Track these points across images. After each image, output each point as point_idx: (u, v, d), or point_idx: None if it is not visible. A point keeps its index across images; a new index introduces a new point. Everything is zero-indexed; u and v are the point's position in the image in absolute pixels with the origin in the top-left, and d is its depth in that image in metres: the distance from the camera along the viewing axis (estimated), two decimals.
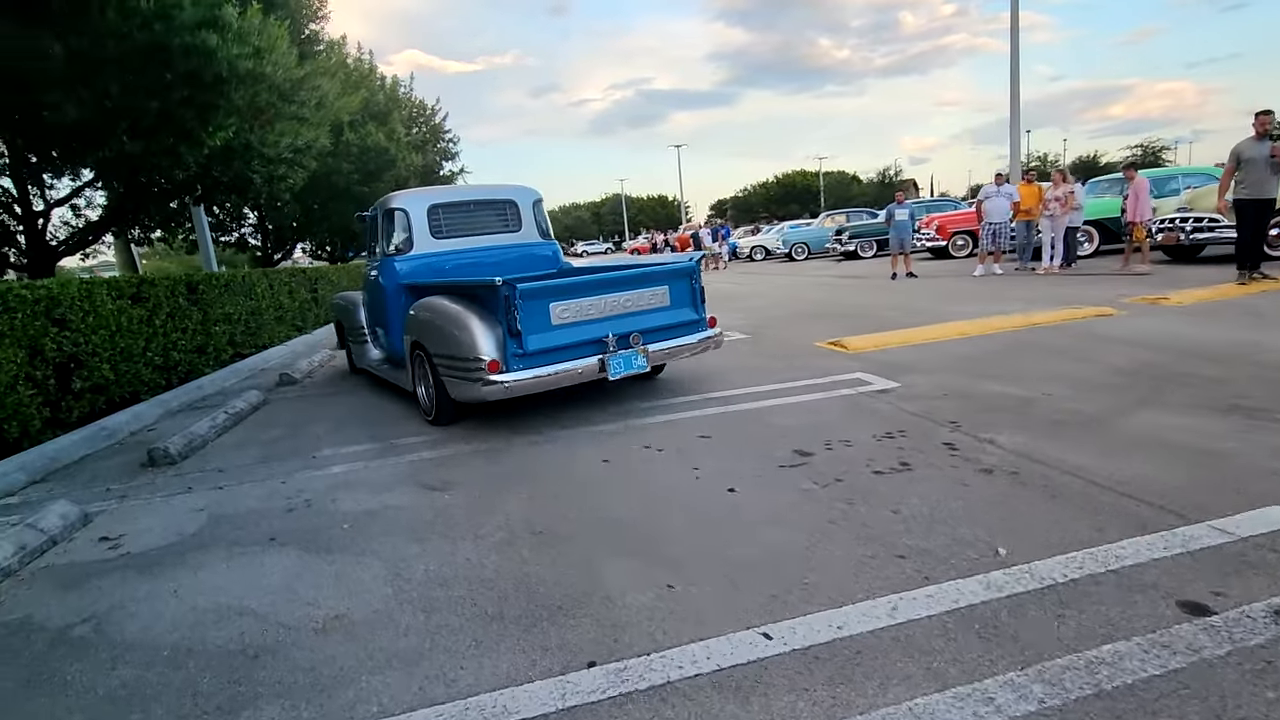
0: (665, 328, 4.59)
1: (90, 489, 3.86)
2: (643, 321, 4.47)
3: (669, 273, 4.74)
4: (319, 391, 6.38)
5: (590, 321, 4.29)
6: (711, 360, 6.00)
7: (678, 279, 4.76)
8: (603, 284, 4.42)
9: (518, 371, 3.98)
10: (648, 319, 4.52)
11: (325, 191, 18.04)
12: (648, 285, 4.59)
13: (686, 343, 4.65)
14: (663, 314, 4.64)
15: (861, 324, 7.26)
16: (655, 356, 4.43)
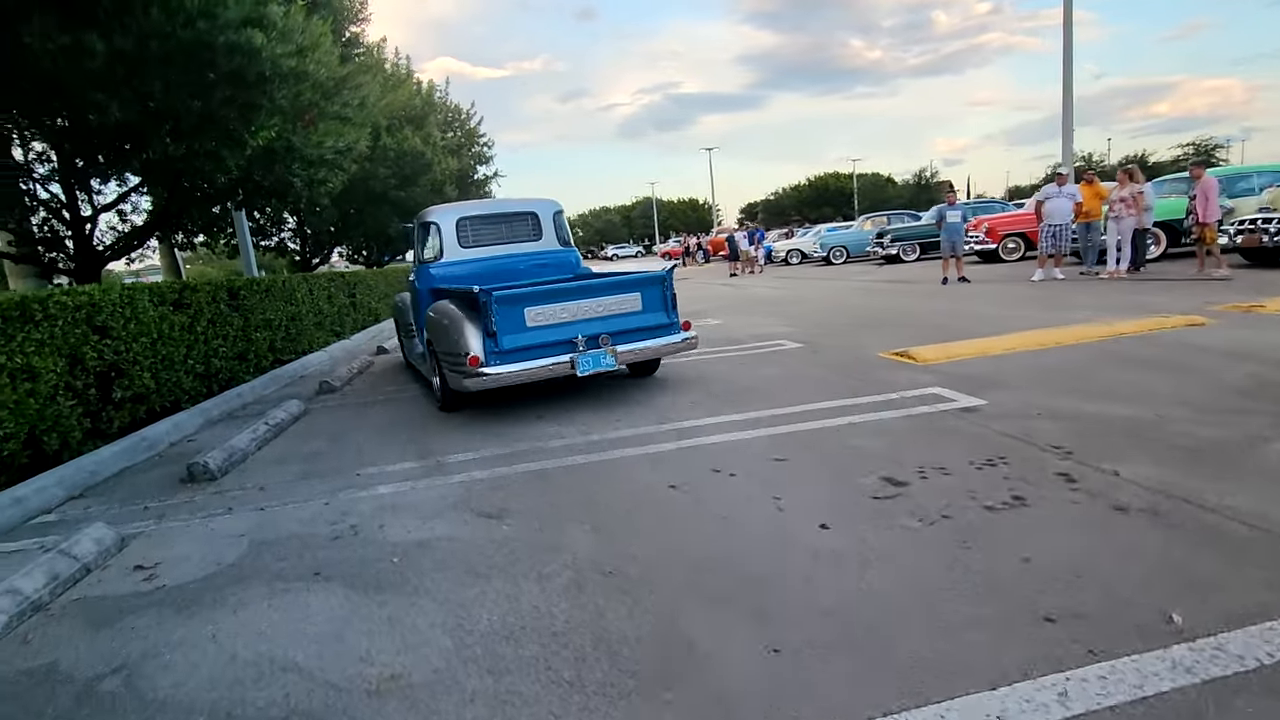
0: (636, 330, 5.00)
1: (127, 507, 3.68)
2: (613, 325, 4.91)
3: (639, 281, 5.14)
4: (359, 400, 6.19)
5: (563, 324, 4.79)
6: (768, 372, 5.67)
7: (649, 286, 5.14)
8: (574, 291, 4.91)
9: (496, 367, 4.56)
10: (618, 322, 4.95)
11: (362, 196, 18.11)
12: (618, 292, 5.01)
13: (656, 344, 5.06)
14: (633, 318, 5.03)
15: (923, 333, 6.84)
16: (624, 356, 4.89)
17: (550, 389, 5.64)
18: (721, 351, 6.86)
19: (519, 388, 5.10)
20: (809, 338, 7.24)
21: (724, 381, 5.43)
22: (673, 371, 6.02)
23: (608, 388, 5.57)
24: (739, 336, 7.81)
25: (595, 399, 5.19)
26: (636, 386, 5.51)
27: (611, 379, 5.89)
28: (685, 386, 5.37)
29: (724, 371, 5.85)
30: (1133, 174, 10.06)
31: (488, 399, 5.43)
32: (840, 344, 6.71)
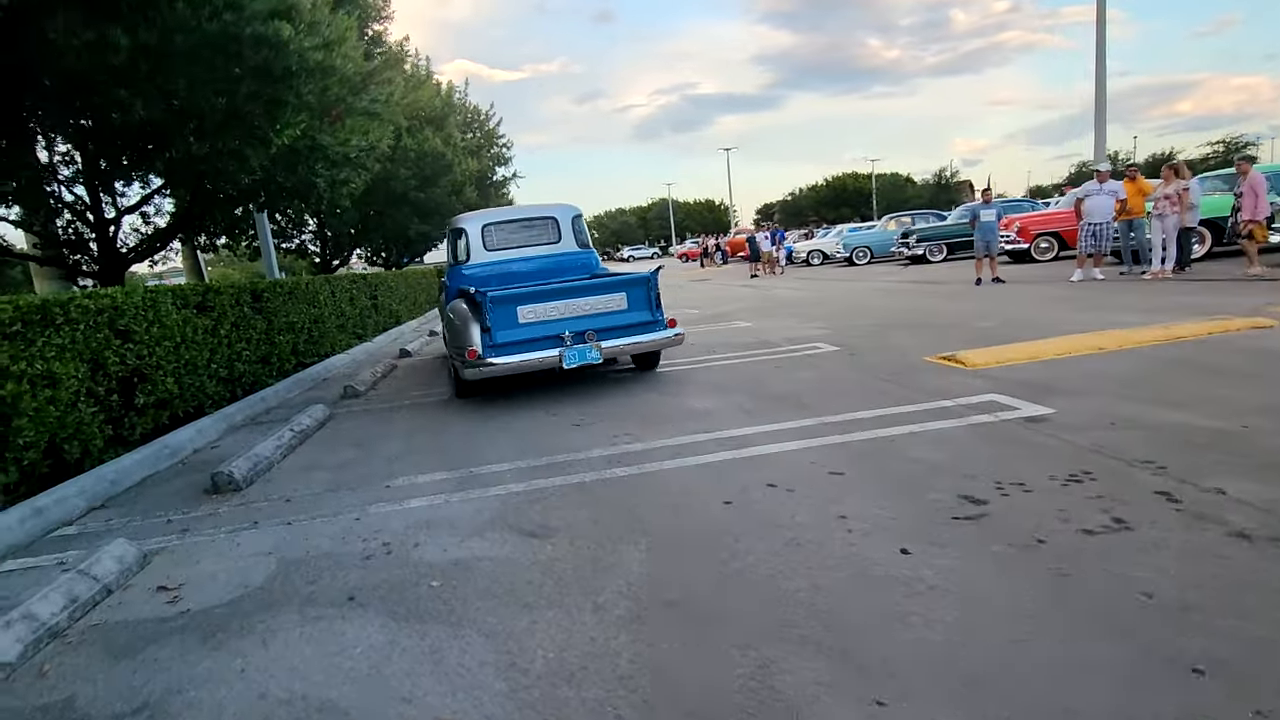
0: (621, 327, 5.40)
1: (150, 519, 3.52)
2: (599, 322, 5.33)
3: (624, 282, 5.55)
4: (384, 405, 6.03)
5: (553, 321, 5.25)
6: (807, 376, 5.43)
7: (634, 287, 5.53)
8: (563, 291, 5.37)
9: (491, 359, 5.04)
10: (603, 320, 5.36)
11: (383, 197, 18.07)
12: (604, 293, 5.43)
13: (641, 340, 5.46)
14: (618, 316, 5.43)
15: (965, 336, 6.56)
16: (609, 351, 5.29)
17: (584, 396, 5.45)
18: (755, 355, 6.62)
19: (542, 384, 4.99)
20: (845, 341, 6.97)
21: (763, 387, 5.19)
22: (709, 376, 5.80)
23: (642, 395, 5.36)
24: (771, 339, 7.56)
25: (632, 407, 4.98)
26: (674, 394, 5.30)
27: (646, 386, 5.69)
28: (723, 391, 5.14)
29: (761, 376, 5.61)
30: (1178, 170, 9.68)
31: (504, 389, 5.42)
32: (879, 347, 6.45)
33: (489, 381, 5.42)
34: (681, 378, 5.86)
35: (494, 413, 5.24)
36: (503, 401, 5.61)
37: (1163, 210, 9.60)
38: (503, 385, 6.03)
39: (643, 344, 5.50)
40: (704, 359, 6.66)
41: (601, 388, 5.75)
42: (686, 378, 5.84)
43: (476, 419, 5.09)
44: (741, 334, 8.26)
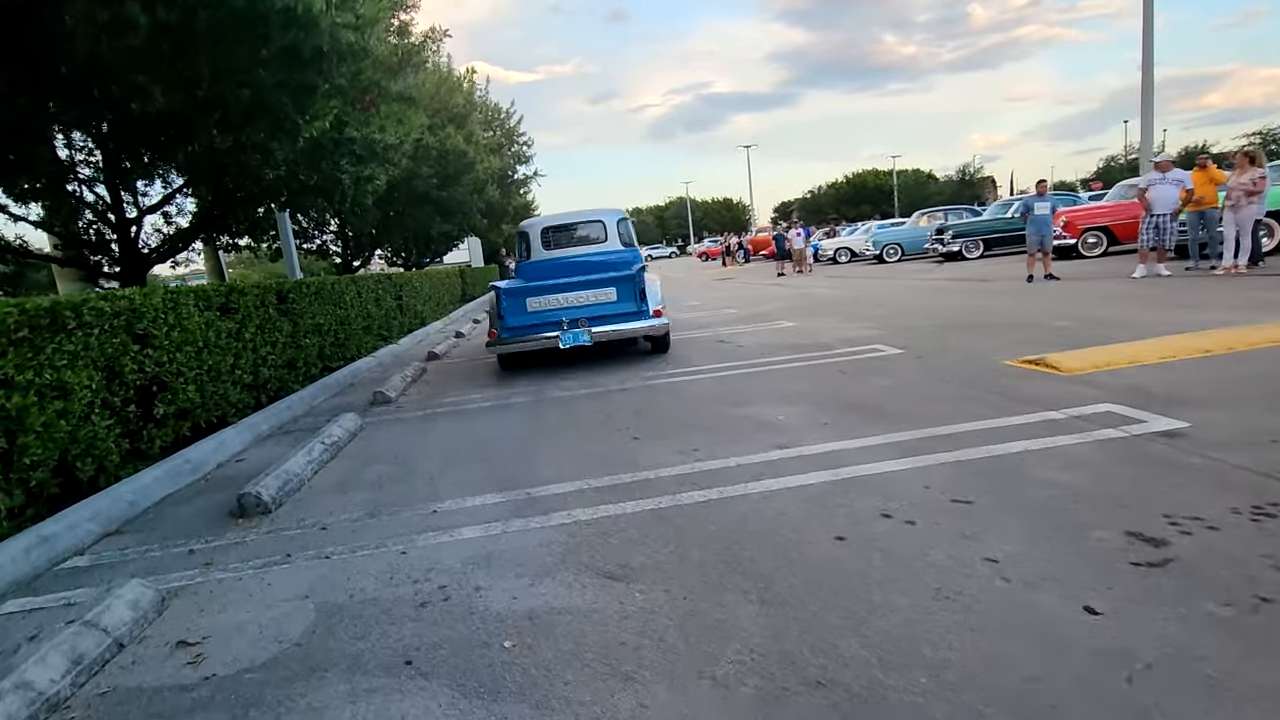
0: (610, 316, 6.46)
1: (169, 549, 3.13)
2: (592, 311, 6.45)
3: (613, 278, 6.58)
4: (418, 413, 5.63)
5: (554, 310, 6.46)
6: (880, 383, 4.94)
7: (622, 283, 6.55)
8: (562, 286, 6.54)
9: (505, 339, 6.44)
10: (596, 310, 6.47)
11: (404, 196, 17.77)
12: (596, 287, 6.52)
13: (628, 327, 6.47)
14: (609, 307, 6.49)
15: (1040, 337, 6.04)
16: (599, 335, 6.38)
17: (639, 405, 5.02)
18: (813, 358, 6.14)
19: (591, 392, 4.55)
20: (905, 342, 6.47)
21: (834, 395, 4.71)
22: (769, 383, 5.34)
23: (702, 404, 4.92)
24: (824, 341, 7.07)
25: (694, 418, 4.54)
26: (736, 402, 4.84)
27: (703, 394, 5.25)
28: (790, 399, 4.68)
29: (828, 382, 5.14)
30: (1255, 158, 9.05)
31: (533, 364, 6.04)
32: (946, 349, 5.94)
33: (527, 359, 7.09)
34: (740, 385, 5.41)
35: (540, 421, 4.82)
36: (547, 408, 5.19)
37: (1237, 201, 8.97)
38: (543, 369, 5.63)
39: (626, 330, 6.50)
40: (759, 363, 6.20)
41: (655, 395, 5.31)
42: (745, 384, 5.39)
43: (522, 429, 4.67)
44: (789, 335, 7.78)
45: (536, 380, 6.56)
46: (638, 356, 7.33)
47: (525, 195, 28.46)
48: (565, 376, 6.61)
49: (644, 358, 7.22)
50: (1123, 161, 59.68)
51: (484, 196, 20.16)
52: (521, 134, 25.35)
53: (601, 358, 7.49)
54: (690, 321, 10.84)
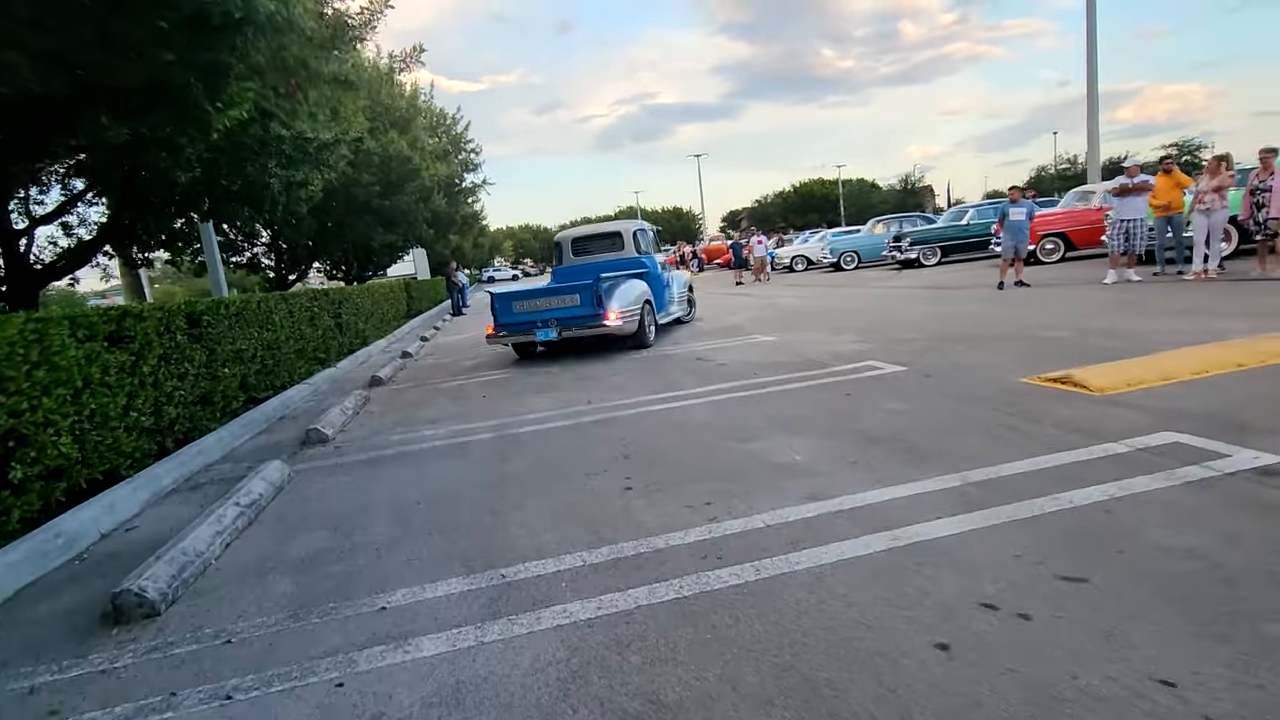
0: (575, 318, 7.76)
1: (6, 684, 2.26)
2: (561, 314, 7.81)
3: (576, 287, 7.91)
4: (359, 456, 4.79)
5: (533, 312, 7.94)
6: (896, 408, 4.38)
7: (584, 291, 7.79)
8: (538, 293, 8.11)
9: (500, 334, 8.13)
10: (564, 313, 7.81)
11: (343, 205, 16.65)
12: (563, 294, 7.92)
13: (588, 329, 7.73)
14: (573, 310, 7.80)
15: (1043, 349, 5.63)
16: (566, 334, 7.79)
17: (630, 439, 4.32)
18: (809, 378, 5.56)
19: (568, 421, 3.83)
20: (904, 359, 5.97)
21: (850, 424, 4.12)
22: (771, 409, 4.71)
23: (703, 437, 4.25)
24: (812, 357, 6.52)
25: (697, 457, 3.86)
26: (740, 436, 4.19)
27: (702, 424, 4.59)
28: (802, 431, 4.06)
29: (837, 408, 4.54)
30: (1226, 161, 9.00)
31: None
32: (949, 365, 5.45)
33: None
34: (737, 412, 4.77)
35: (508, 465, 4.07)
36: (516, 447, 4.44)
37: (1210, 205, 8.90)
38: (510, 392, 4.87)
39: (587, 330, 7.82)
40: (750, 384, 5.58)
41: (644, 427, 4.62)
42: (743, 411, 4.75)
43: (487, 475, 3.91)
44: (771, 351, 7.21)
45: (501, 405, 5.78)
46: (618, 379, 6.64)
47: (473, 205, 27.41)
48: (536, 400, 5.85)
49: (625, 380, 6.52)
50: (1053, 171, 62.40)
51: (430, 205, 19.15)
52: (469, 141, 24.40)
53: (578, 377, 6.77)
54: (659, 336, 10.38)
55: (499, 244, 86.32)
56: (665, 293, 9.64)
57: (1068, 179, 56.45)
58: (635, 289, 8.38)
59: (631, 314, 7.99)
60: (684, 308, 10.75)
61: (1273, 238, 8.50)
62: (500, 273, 69.77)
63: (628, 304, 7.99)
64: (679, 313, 10.44)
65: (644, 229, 9.66)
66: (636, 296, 8.26)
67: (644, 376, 6.59)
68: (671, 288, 10.06)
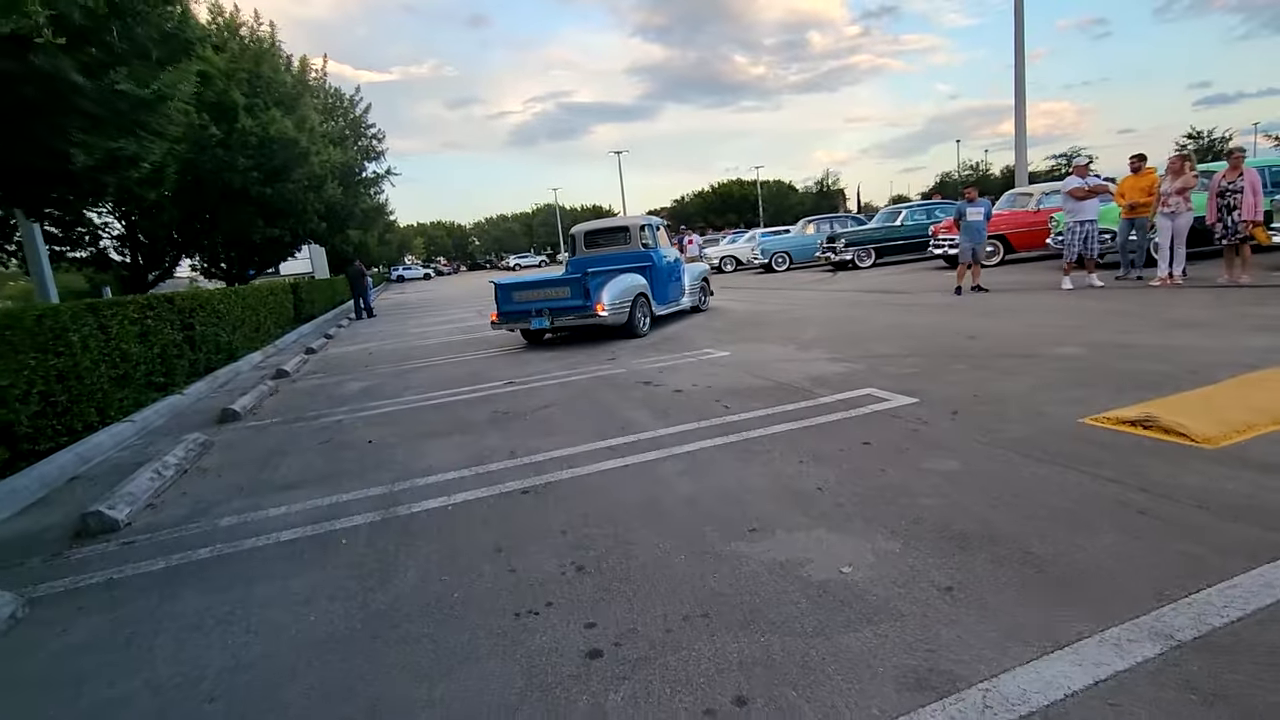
0: (566, 309, 8.49)
1: None
2: (553, 304, 8.58)
3: (566, 280, 8.78)
4: (157, 565, 3.11)
5: (529, 302, 8.71)
6: (940, 466, 3.18)
7: (573, 284, 8.52)
8: (533, 285, 8.90)
9: (502, 321, 8.88)
10: (556, 303, 8.57)
11: (215, 192, 14.21)
12: (555, 287, 8.73)
13: (579, 319, 8.44)
14: (564, 301, 8.52)
15: (1062, 372, 4.67)
16: (558, 323, 8.62)
17: (579, 533, 2.87)
18: (800, 415, 4.30)
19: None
20: (904, 385, 4.84)
21: (897, 500, 2.86)
22: (776, 474, 3.39)
23: (686, 524, 2.87)
24: (789, 381, 5.30)
25: (688, 570, 2.48)
26: (752, 519, 2.85)
27: (697, 514, 3.20)
28: (833, 513, 2.76)
29: (864, 469, 3.29)
30: (1191, 161, 8.53)
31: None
32: (968, 396, 4.35)
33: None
34: (726, 474, 3.42)
35: (389, 588, 2.55)
36: (404, 547, 2.91)
37: (1175, 207, 8.39)
38: (413, 434, 3.32)
39: (577, 321, 8.43)
40: (726, 423, 4.26)
41: (596, 507, 3.20)
42: (734, 474, 3.41)
43: (355, 622, 2.38)
44: (733, 372, 5.95)
45: (393, 456, 4.19)
46: (549, 411, 5.16)
47: (377, 197, 24.91)
48: (441, 447, 4.30)
49: (558, 415, 5.06)
50: (957, 177, 65.33)
51: (323, 196, 16.85)
52: (370, 125, 21.99)
53: (496, 411, 5.24)
54: (655, 326, 9.78)
55: (409, 241, 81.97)
56: (672, 285, 10.20)
57: (972, 185, 59.13)
58: (628, 283, 8.83)
59: (621, 306, 8.52)
60: (696, 297, 11.21)
61: (1243, 242, 8.06)
62: (411, 271, 65.85)
63: (618, 296, 8.48)
64: (690, 303, 10.91)
65: (652, 224, 10.15)
66: (628, 290, 8.73)
67: (582, 408, 5.16)
68: (681, 279, 10.68)
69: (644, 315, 9.09)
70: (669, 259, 10.30)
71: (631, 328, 8.77)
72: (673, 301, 10.26)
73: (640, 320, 8.94)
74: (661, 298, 9.79)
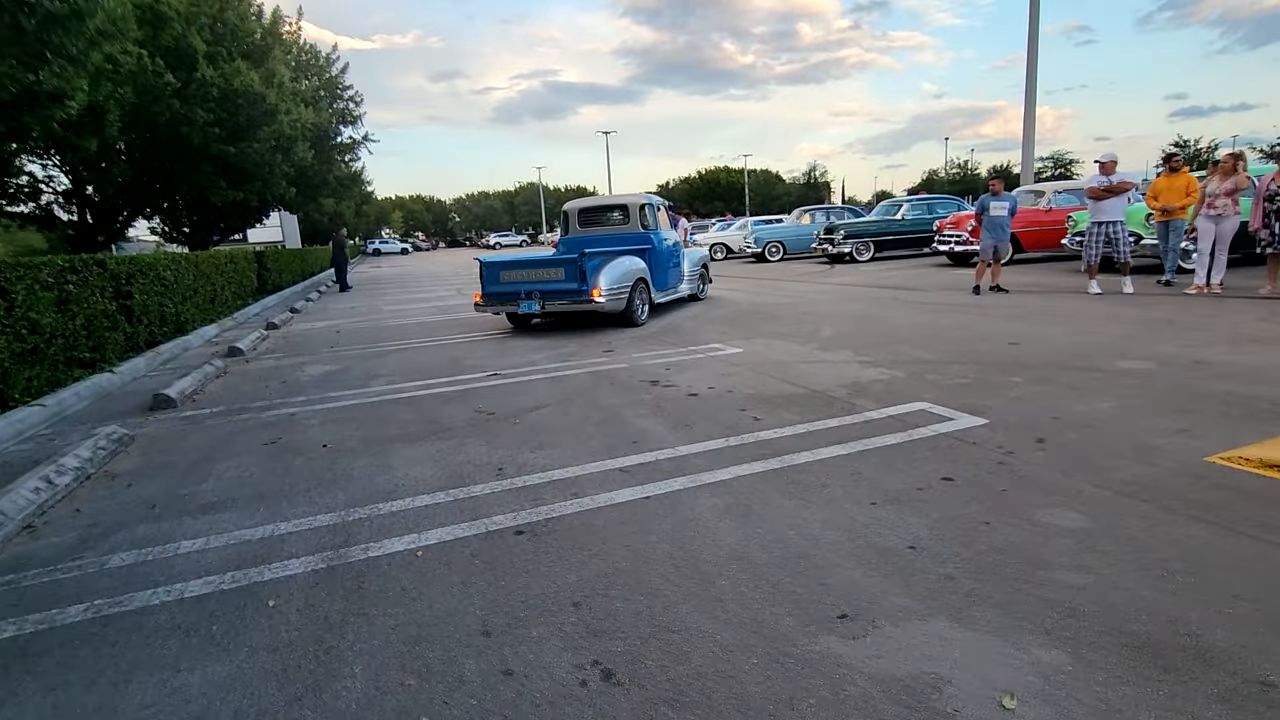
0: (559, 292, 7.73)
1: None
2: (545, 286, 7.80)
3: (560, 261, 7.98)
4: (6, 632, 2.27)
5: (517, 283, 7.95)
6: (1061, 520, 2.45)
7: (568, 265, 7.74)
8: (523, 264, 8.19)
9: (487, 303, 8.12)
10: (547, 285, 7.80)
11: (173, 148, 13.03)
12: (547, 267, 7.98)
13: (572, 303, 7.67)
14: (557, 284, 7.77)
15: (1145, 394, 3.96)
16: (549, 308, 7.79)
17: (595, 615, 2.07)
18: (848, 433, 3.55)
19: None
20: (963, 400, 4.13)
21: (1043, 584, 2.12)
22: (842, 522, 2.63)
23: (722, 575, 2.10)
24: (821, 387, 4.56)
25: (729, 635, 1.70)
26: (836, 598, 2.08)
27: (705, 531, 2.41)
28: (952, 588, 2.01)
29: (972, 524, 2.55)
30: (1243, 160, 7.92)
31: None
32: (1046, 417, 3.64)
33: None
34: (778, 519, 2.66)
35: (331, 692, 1.74)
36: (357, 629, 2.11)
37: (1222, 210, 7.79)
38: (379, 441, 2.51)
39: (571, 305, 7.70)
40: (759, 441, 3.49)
41: (620, 554, 2.41)
42: (789, 519, 2.65)
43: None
44: (751, 373, 5.19)
45: (349, 470, 3.37)
46: (542, 415, 4.35)
47: (352, 165, 23.58)
48: (409, 459, 3.48)
49: (552, 418, 4.25)
50: (944, 174, 65.19)
51: (293, 158, 15.67)
52: (347, 87, 20.67)
53: (478, 412, 4.41)
54: (655, 314, 9.03)
55: (387, 214, 79.82)
56: (672, 270, 9.48)
57: (957, 183, 59.06)
58: (628, 266, 8.12)
59: (620, 292, 7.80)
60: (695, 284, 10.45)
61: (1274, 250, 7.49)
62: (388, 245, 63.95)
63: (616, 281, 7.77)
64: (689, 290, 10.14)
65: (653, 203, 9.25)
66: (627, 274, 8.01)
67: (582, 412, 4.37)
68: (682, 265, 9.97)
69: (643, 302, 8.36)
70: (669, 242, 9.53)
71: (629, 316, 8.04)
72: (671, 288, 9.52)
73: (639, 308, 8.22)
74: (661, 284, 9.04)
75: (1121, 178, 8.59)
